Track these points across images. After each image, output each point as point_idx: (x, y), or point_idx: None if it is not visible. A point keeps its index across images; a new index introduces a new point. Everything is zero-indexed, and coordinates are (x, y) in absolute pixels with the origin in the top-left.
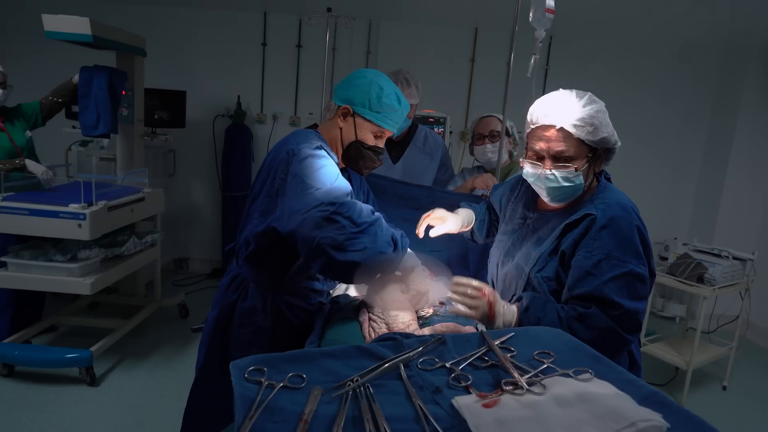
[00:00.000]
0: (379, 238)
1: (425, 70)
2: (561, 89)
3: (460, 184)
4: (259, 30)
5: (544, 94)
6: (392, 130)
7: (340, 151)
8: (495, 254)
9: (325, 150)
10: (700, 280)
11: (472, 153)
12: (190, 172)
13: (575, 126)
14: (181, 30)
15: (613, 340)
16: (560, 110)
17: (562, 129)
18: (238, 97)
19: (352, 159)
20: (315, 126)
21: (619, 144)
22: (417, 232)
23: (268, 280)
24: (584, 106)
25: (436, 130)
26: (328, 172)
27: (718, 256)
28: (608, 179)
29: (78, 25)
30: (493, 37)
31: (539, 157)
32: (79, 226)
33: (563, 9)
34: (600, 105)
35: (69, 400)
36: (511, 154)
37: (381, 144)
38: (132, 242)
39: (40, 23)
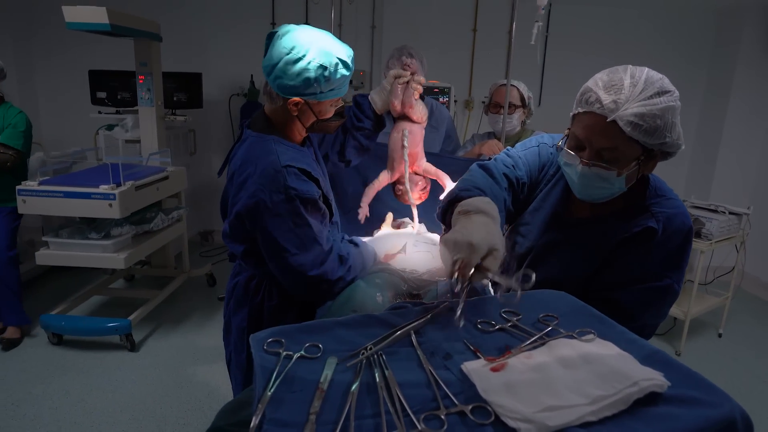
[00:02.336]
0: (348, 280)
1: (429, 42)
2: (629, 66)
3: (469, 149)
4: (268, 10)
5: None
6: (347, 90)
7: (303, 130)
8: (519, 245)
9: (297, 186)
10: (698, 235)
11: (486, 114)
12: (209, 149)
13: (631, 123)
14: (193, 14)
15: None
16: (618, 99)
17: (614, 123)
18: (251, 75)
19: (318, 130)
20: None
21: (683, 147)
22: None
23: None
24: (650, 98)
25: (441, 99)
26: (303, 234)
27: (715, 211)
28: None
29: (96, 14)
30: (493, 7)
31: (579, 146)
32: (110, 205)
33: None
34: (671, 98)
35: (112, 364)
36: (524, 123)
37: (340, 102)
38: (160, 218)
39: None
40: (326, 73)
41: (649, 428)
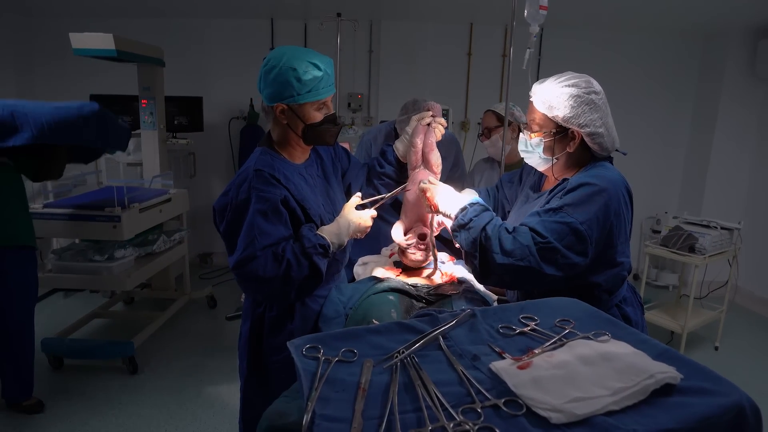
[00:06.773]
0: (295, 277)
1: (425, 65)
2: (569, 72)
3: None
4: (267, 35)
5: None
6: (329, 93)
7: (299, 140)
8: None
9: (259, 186)
10: (691, 250)
11: (481, 140)
12: (209, 172)
13: (539, 101)
14: (195, 40)
15: (529, 267)
16: (541, 88)
17: (533, 102)
18: (251, 99)
19: (313, 139)
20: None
21: (589, 131)
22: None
23: None
24: (559, 87)
25: None
26: (246, 234)
27: (707, 227)
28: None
29: (103, 41)
30: (487, 32)
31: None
32: (115, 227)
33: (553, 1)
34: (575, 90)
35: (115, 387)
36: None
37: (330, 110)
38: (162, 240)
39: (67, 41)
40: (296, 74)
41: (667, 415)
